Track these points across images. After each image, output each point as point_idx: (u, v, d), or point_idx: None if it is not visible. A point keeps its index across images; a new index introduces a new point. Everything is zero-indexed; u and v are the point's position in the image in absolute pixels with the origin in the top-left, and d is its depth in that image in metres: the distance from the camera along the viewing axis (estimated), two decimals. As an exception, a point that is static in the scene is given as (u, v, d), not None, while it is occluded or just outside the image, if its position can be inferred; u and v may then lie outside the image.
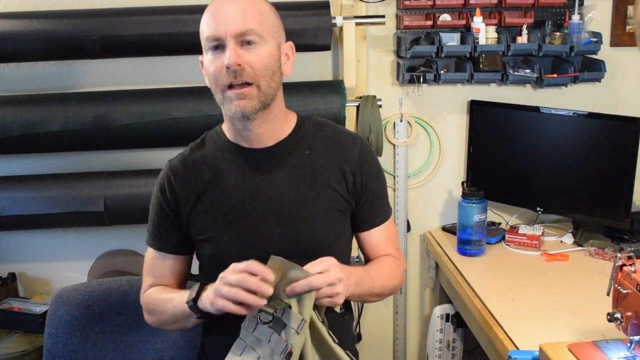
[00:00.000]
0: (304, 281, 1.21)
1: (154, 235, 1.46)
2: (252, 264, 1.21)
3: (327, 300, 1.25)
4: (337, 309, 1.36)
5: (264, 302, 1.20)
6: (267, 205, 1.38)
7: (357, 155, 1.44)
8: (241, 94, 1.29)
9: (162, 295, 1.42)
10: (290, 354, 1.22)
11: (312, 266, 1.24)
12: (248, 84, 1.29)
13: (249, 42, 1.29)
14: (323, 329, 1.27)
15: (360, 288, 1.34)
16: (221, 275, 1.24)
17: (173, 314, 1.39)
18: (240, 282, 1.19)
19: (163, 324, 1.46)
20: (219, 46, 1.29)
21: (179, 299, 1.36)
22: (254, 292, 1.19)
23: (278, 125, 1.40)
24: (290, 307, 1.21)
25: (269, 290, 1.19)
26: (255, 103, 1.30)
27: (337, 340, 1.29)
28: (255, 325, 1.25)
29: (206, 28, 1.31)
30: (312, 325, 1.25)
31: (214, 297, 1.23)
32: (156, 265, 1.47)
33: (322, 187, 1.40)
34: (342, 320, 1.43)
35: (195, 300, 1.30)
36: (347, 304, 1.49)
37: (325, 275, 1.23)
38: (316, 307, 1.26)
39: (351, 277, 1.31)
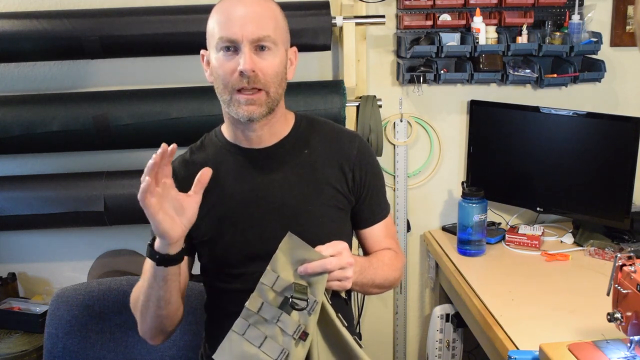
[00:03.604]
0: (318, 263, 1.22)
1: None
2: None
3: (336, 284, 1.25)
4: (343, 294, 1.36)
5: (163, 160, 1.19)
6: (269, 206, 1.38)
7: (356, 153, 1.44)
8: (251, 99, 1.29)
9: (139, 283, 1.38)
10: (305, 334, 1.22)
11: (325, 248, 1.25)
12: (258, 90, 1.29)
13: (262, 48, 1.29)
14: (332, 311, 1.27)
15: (363, 277, 1.35)
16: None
17: (146, 288, 1.31)
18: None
19: (145, 319, 1.36)
20: (230, 48, 1.29)
21: (149, 262, 1.29)
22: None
23: (278, 126, 1.41)
24: (291, 295, 1.21)
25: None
26: (264, 109, 1.31)
27: (345, 324, 1.29)
28: (261, 305, 1.24)
29: (219, 28, 1.29)
30: (322, 308, 1.24)
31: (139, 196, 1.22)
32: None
33: (322, 186, 1.41)
34: (346, 308, 1.43)
35: (152, 245, 1.27)
36: (347, 292, 1.50)
37: (339, 258, 1.24)
38: (325, 291, 1.26)
39: (356, 265, 1.31)
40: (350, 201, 1.45)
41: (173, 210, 1.23)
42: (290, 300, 1.20)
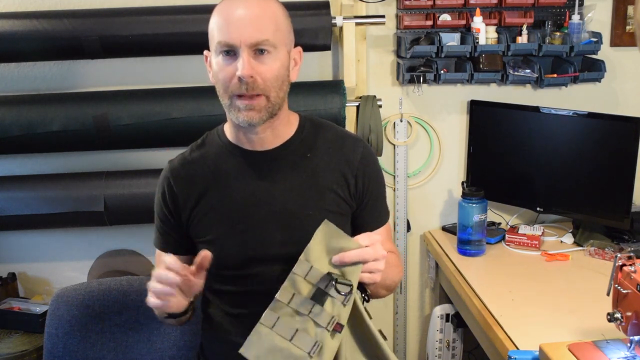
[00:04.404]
0: (356, 252, 1.20)
1: (157, 236, 1.47)
2: (171, 264, 1.21)
3: (367, 276, 1.23)
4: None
5: (173, 292, 1.20)
6: (270, 208, 1.38)
7: (359, 158, 1.44)
8: (250, 104, 1.28)
9: None
10: (340, 325, 1.19)
11: (361, 238, 1.24)
12: (258, 95, 1.29)
13: (261, 51, 1.28)
14: (360, 303, 1.25)
15: None
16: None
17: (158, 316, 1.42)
18: (159, 277, 1.21)
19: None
20: (230, 52, 1.28)
21: None
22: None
23: (281, 128, 1.40)
24: (335, 279, 1.19)
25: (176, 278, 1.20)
26: (263, 114, 1.30)
27: (372, 317, 1.28)
28: (292, 297, 1.20)
29: (218, 32, 1.28)
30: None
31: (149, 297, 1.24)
32: (161, 265, 1.46)
33: (324, 190, 1.40)
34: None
35: None
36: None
37: (374, 249, 1.22)
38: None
39: None
40: (351, 206, 1.44)
41: (180, 292, 1.26)
42: (334, 283, 1.17)
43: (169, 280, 1.20)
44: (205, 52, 1.38)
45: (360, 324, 1.26)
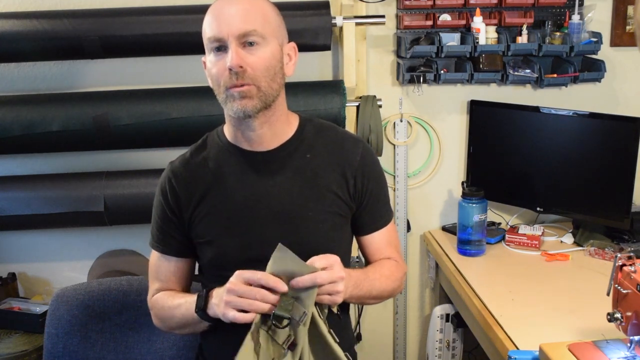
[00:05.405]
0: (309, 277, 1.21)
1: (157, 238, 1.46)
2: (266, 277, 1.22)
3: (327, 298, 1.25)
4: (335, 309, 1.35)
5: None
6: (269, 209, 1.38)
7: (359, 159, 1.44)
8: (242, 91, 1.29)
9: (169, 302, 1.42)
10: (294, 345, 1.22)
11: (316, 260, 1.25)
12: (248, 84, 1.29)
13: (250, 43, 1.28)
14: (323, 326, 1.27)
15: (358, 290, 1.35)
16: (229, 287, 1.24)
17: (181, 321, 1.40)
18: (257, 295, 1.21)
19: (172, 329, 1.47)
20: (221, 47, 1.29)
21: (187, 306, 1.37)
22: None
23: (280, 126, 1.40)
24: (294, 299, 1.22)
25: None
26: (256, 102, 1.30)
27: (337, 340, 1.29)
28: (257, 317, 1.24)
29: (208, 29, 1.31)
30: (313, 322, 1.25)
31: (225, 309, 1.24)
32: (160, 268, 1.47)
33: (323, 191, 1.40)
34: (340, 322, 1.43)
35: (204, 308, 1.31)
36: (345, 306, 1.49)
37: (330, 272, 1.24)
38: (317, 305, 1.26)
39: (350, 279, 1.31)
40: (351, 207, 1.44)
41: None
42: (272, 317, 1.21)
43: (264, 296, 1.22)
44: (202, 57, 1.38)
45: (323, 348, 1.28)
